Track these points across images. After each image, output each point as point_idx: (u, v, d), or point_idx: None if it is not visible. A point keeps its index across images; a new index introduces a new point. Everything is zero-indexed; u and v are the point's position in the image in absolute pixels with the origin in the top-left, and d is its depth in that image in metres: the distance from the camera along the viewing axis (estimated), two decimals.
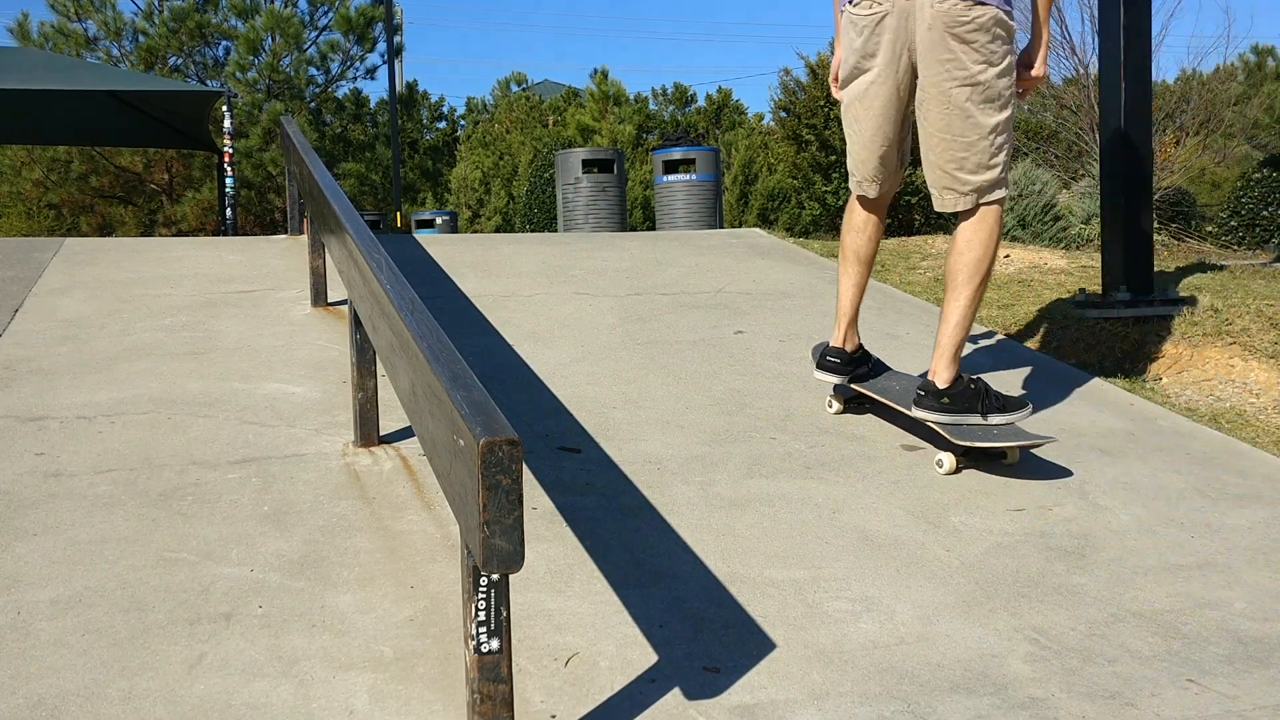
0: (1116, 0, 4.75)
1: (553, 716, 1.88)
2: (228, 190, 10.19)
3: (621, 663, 2.05)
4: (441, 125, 22.47)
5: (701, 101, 17.94)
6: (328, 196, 3.40)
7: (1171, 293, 4.86)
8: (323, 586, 2.28)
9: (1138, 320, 4.77)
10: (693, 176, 8.49)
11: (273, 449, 2.98)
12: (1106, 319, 4.72)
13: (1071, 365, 4.22)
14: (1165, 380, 4.30)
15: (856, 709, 1.94)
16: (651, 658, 2.07)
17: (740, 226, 12.82)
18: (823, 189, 7.92)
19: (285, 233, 5.98)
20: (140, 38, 17.20)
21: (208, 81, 17.29)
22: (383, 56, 17.88)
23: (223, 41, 17.52)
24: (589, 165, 8.68)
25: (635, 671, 2.02)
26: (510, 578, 1.68)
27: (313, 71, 17.44)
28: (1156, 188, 8.94)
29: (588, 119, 17.65)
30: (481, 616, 1.66)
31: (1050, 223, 8.59)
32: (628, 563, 2.43)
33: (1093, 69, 9.93)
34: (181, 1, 16.94)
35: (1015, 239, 8.09)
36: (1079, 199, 9.08)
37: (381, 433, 3.05)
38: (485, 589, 1.66)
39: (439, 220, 12.72)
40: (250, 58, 16.82)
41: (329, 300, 4.39)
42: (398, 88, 16.34)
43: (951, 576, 2.45)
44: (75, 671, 1.96)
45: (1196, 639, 2.22)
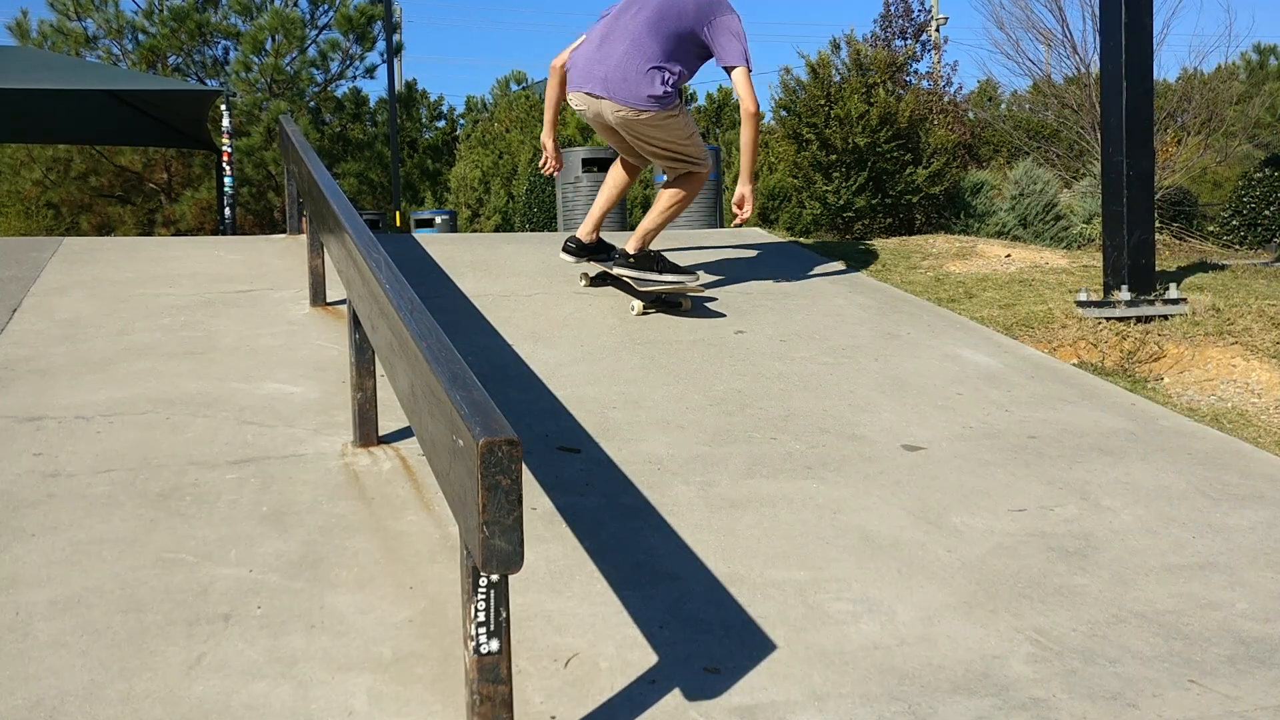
0: None
1: (552, 717, 1.88)
2: (226, 190, 10.19)
3: (621, 664, 2.04)
4: (441, 124, 22.42)
5: (702, 101, 17.90)
6: (327, 196, 3.39)
7: (1173, 292, 4.86)
8: (322, 587, 2.27)
9: (1139, 320, 4.76)
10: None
11: (271, 449, 2.97)
12: (1108, 319, 4.72)
13: (1073, 365, 4.22)
14: (1167, 380, 4.29)
15: (857, 710, 1.93)
16: (652, 659, 2.06)
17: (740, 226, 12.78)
18: (823, 188, 7.90)
19: (284, 232, 5.97)
20: (140, 37, 17.20)
21: (208, 81, 17.29)
22: (382, 55, 17.88)
23: (222, 41, 17.52)
24: (589, 164, 8.65)
25: (635, 672, 2.02)
26: (510, 578, 1.67)
27: (313, 71, 17.44)
28: (1158, 187, 8.93)
29: None
30: (481, 617, 1.66)
31: (1051, 222, 8.58)
32: (628, 563, 2.43)
33: (1094, 68, 9.92)
34: (182, 1, 16.94)
35: (1016, 238, 8.07)
36: (1080, 198, 9.07)
37: (381, 433, 3.04)
38: (485, 590, 1.65)
39: (438, 219, 12.69)
40: (253, 57, 16.81)
41: (328, 300, 4.38)
42: (397, 86, 16.33)
43: (952, 577, 2.44)
44: (74, 672, 1.95)
45: (1198, 639, 2.22)
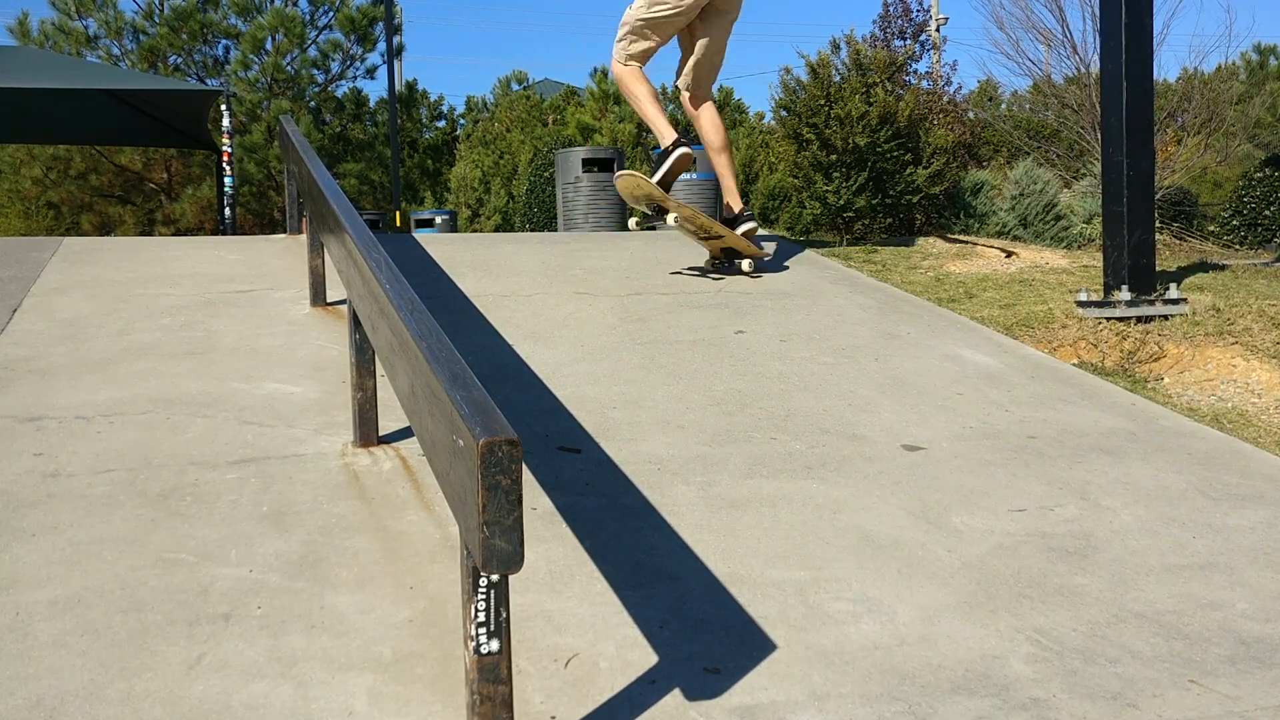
0: None
1: (552, 717, 1.88)
2: (226, 189, 10.19)
3: (622, 664, 2.04)
4: (441, 124, 22.41)
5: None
6: (327, 196, 3.39)
7: (1173, 292, 4.86)
8: (322, 587, 2.27)
9: (1139, 320, 4.76)
10: (693, 176, 8.45)
11: (272, 449, 2.97)
12: (1108, 319, 4.72)
13: (1073, 365, 4.22)
14: (1167, 380, 4.29)
15: (857, 710, 1.93)
16: (652, 659, 2.06)
17: None
18: (823, 188, 7.89)
19: (284, 231, 5.97)
20: (141, 37, 17.20)
21: (208, 80, 17.29)
22: (383, 55, 17.86)
23: (223, 41, 17.52)
24: (589, 164, 8.64)
25: (635, 672, 2.02)
26: (510, 578, 1.67)
27: (313, 71, 17.44)
28: (1158, 187, 8.92)
29: (588, 118, 17.61)
30: (481, 617, 1.66)
31: (1052, 222, 8.57)
32: (628, 563, 2.42)
33: (1094, 68, 9.91)
34: (183, 1, 16.93)
35: (1016, 238, 8.06)
36: (1080, 198, 9.05)
37: (381, 433, 3.04)
38: (485, 590, 1.65)
39: (438, 219, 12.67)
40: (253, 56, 16.81)
41: (328, 300, 4.38)
42: (397, 87, 16.33)
43: (953, 577, 2.44)
44: (74, 672, 1.95)
45: (1198, 640, 2.21)
